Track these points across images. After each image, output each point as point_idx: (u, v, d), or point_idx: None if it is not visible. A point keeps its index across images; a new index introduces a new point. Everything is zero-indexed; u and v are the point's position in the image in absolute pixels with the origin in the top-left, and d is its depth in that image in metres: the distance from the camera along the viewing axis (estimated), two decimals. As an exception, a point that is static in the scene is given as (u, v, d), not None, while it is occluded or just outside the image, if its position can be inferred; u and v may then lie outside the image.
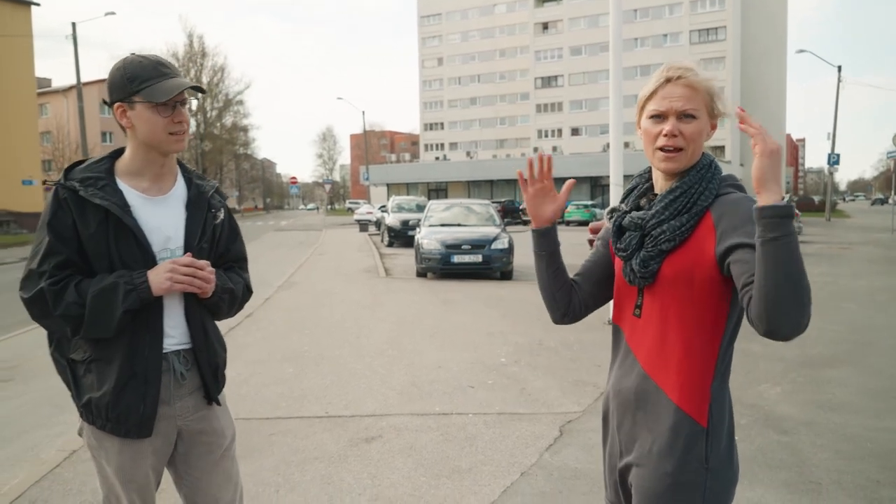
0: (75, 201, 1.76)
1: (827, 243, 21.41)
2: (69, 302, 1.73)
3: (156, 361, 1.83)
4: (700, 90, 1.57)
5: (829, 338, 7.26)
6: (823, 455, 4.00)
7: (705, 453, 1.50)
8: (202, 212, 1.95)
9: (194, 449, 1.97)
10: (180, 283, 1.79)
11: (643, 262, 1.59)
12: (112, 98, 1.81)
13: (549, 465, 3.87)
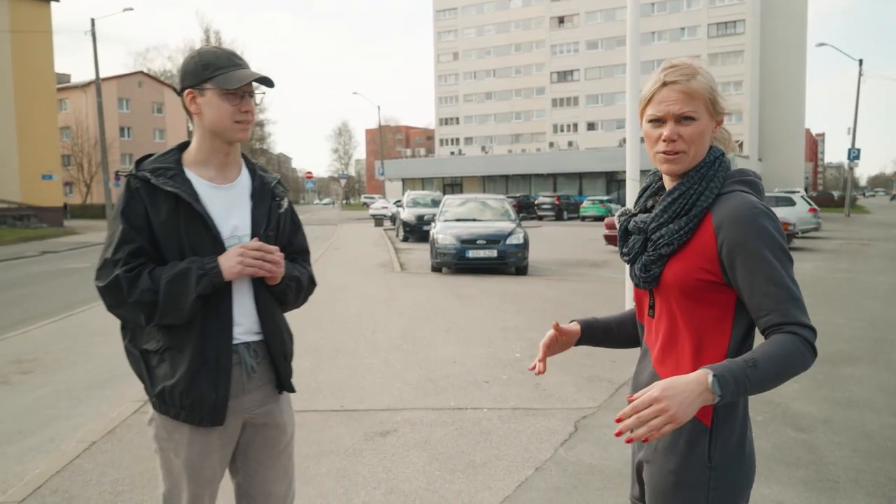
0: (147, 190, 1.80)
1: (847, 239, 21.15)
2: (143, 289, 1.76)
3: (226, 348, 1.85)
4: (697, 91, 1.53)
5: (848, 335, 7.18)
6: (841, 453, 3.96)
7: (708, 452, 1.48)
8: (266, 201, 1.99)
9: (255, 442, 2.00)
10: (251, 266, 1.81)
11: (645, 267, 1.58)
12: (184, 84, 1.86)
13: (564, 461, 3.87)
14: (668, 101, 1.53)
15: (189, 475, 1.88)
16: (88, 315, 9.23)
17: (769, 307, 1.42)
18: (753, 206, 1.45)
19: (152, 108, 60.12)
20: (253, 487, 2.03)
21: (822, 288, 10.71)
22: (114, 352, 6.95)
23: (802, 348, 1.39)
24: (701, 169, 1.54)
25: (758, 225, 1.43)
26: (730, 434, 1.50)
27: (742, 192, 1.50)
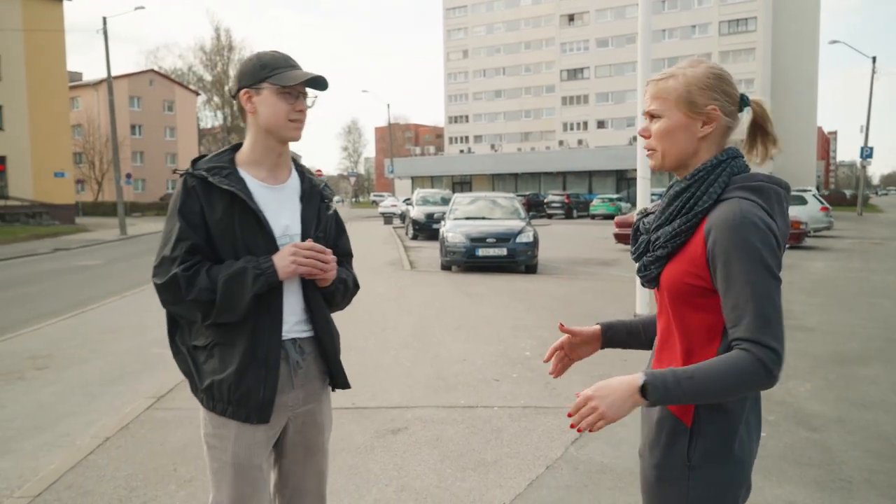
0: (203, 189, 1.84)
1: (859, 238, 21.00)
2: (201, 287, 1.79)
3: (275, 345, 1.88)
4: (667, 90, 1.54)
5: (861, 335, 7.14)
6: (854, 453, 3.94)
7: (688, 451, 1.49)
8: (315, 203, 2.04)
9: (294, 439, 2.02)
10: (304, 265, 1.84)
11: (643, 267, 1.60)
12: (241, 84, 1.91)
13: (575, 459, 3.86)
14: (646, 100, 1.60)
15: (236, 473, 1.89)
16: (100, 312, 9.30)
17: (735, 321, 1.40)
18: (744, 215, 1.41)
19: (163, 106, 60.41)
20: (287, 483, 2.05)
21: (835, 287, 10.63)
22: (125, 349, 7.01)
23: (753, 368, 1.36)
24: (700, 172, 1.53)
25: (741, 236, 1.40)
26: (713, 435, 1.49)
27: (742, 199, 1.45)
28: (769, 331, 1.38)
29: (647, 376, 1.38)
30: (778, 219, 1.47)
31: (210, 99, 67.05)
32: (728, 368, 1.37)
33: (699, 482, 1.49)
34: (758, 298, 1.38)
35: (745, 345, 1.38)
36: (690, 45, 64.64)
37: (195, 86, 65.85)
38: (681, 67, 1.57)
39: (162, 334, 7.41)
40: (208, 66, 66.61)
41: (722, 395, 1.40)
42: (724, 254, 1.41)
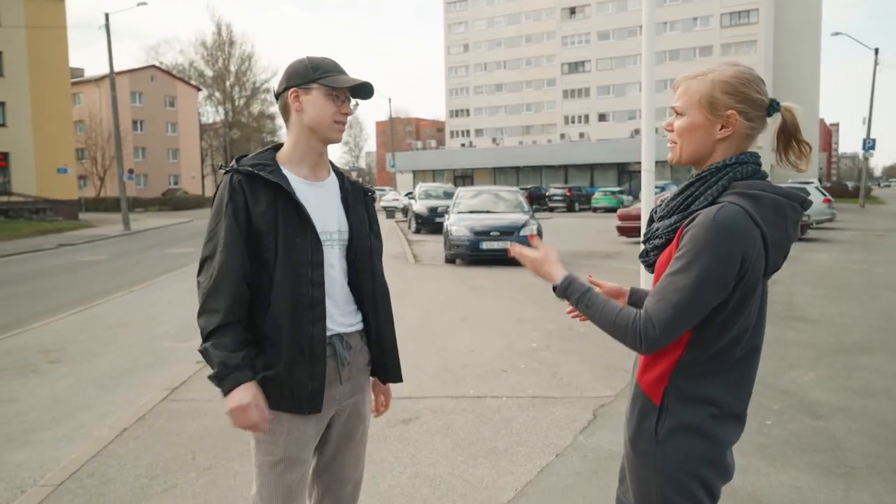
0: (248, 184, 1.90)
1: (861, 230, 21.04)
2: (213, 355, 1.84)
3: (320, 339, 1.93)
4: (692, 89, 1.61)
5: (864, 325, 7.20)
6: (858, 440, 4.02)
7: (655, 427, 1.61)
8: (361, 200, 2.13)
9: (338, 430, 2.08)
10: (240, 425, 1.84)
11: (643, 253, 1.72)
12: (289, 83, 1.97)
13: (584, 447, 3.94)
14: (675, 95, 1.68)
15: (286, 467, 1.94)
16: (108, 307, 9.39)
17: (655, 292, 1.56)
18: (716, 220, 1.48)
19: (164, 102, 60.39)
20: (328, 473, 2.12)
21: (838, 279, 10.69)
22: (135, 343, 7.10)
23: (632, 333, 1.55)
24: (705, 174, 1.61)
25: (702, 232, 1.48)
26: (682, 416, 1.59)
27: (730, 205, 1.51)
28: (665, 316, 1.51)
29: (562, 282, 1.70)
30: (770, 228, 1.52)
31: (211, 94, 66.95)
32: (617, 321, 1.58)
33: (666, 455, 1.60)
34: (679, 292, 1.50)
35: (644, 312, 1.54)
36: (692, 37, 64.49)
37: (196, 81, 65.77)
38: (711, 68, 1.63)
39: (171, 328, 7.53)
40: (209, 61, 66.48)
41: (599, 325, 1.63)
42: (684, 245, 1.52)
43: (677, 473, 1.60)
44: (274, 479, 1.94)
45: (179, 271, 13.14)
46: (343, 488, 2.14)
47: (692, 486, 1.60)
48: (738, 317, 1.55)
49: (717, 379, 1.60)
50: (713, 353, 1.58)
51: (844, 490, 3.36)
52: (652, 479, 1.63)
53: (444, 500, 3.31)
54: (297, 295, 1.90)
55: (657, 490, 1.62)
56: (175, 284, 11.47)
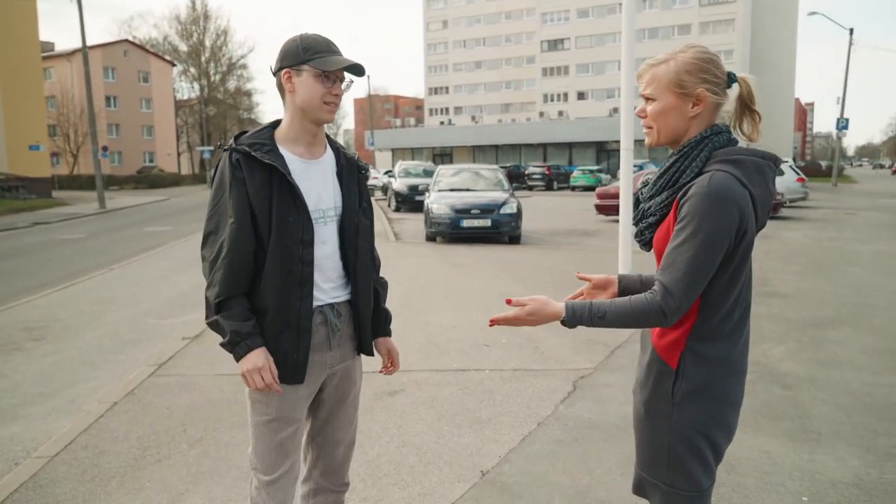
0: (246, 162, 1.97)
1: (833, 209, 21.48)
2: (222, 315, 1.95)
3: (307, 313, 2.02)
4: (658, 75, 1.73)
5: (833, 300, 7.45)
6: (824, 408, 4.22)
7: (672, 390, 1.72)
8: (355, 176, 2.18)
9: (330, 393, 2.19)
10: (252, 383, 1.97)
11: (638, 233, 1.84)
12: (283, 64, 2.00)
13: (564, 417, 4.10)
14: (640, 83, 1.80)
15: (282, 425, 2.05)
16: (89, 285, 9.36)
17: (664, 266, 1.64)
18: (710, 187, 1.59)
19: (138, 77, 59.32)
20: (321, 435, 2.22)
21: (810, 255, 10.98)
22: (119, 319, 7.12)
23: (649, 305, 1.62)
24: (685, 148, 1.73)
25: (699, 201, 1.60)
26: (697, 378, 1.70)
27: (717, 172, 1.63)
28: (681, 284, 1.60)
29: (567, 312, 1.68)
30: (756, 188, 1.66)
31: (186, 70, 65.89)
32: (634, 310, 1.63)
33: (682, 416, 1.71)
34: (688, 260, 1.60)
35: (657, 285, 1.62)
36: (671, 15, 64.54)
37: (171, 56, 64.61)
38: (671, 53, 1.74)
39: (155, 305, 7.58)
40: (184, 35, 65.33)
41: (626, 327, 1.67)
42: (684, 212, 1.63)
43: (690, 433, 1.71)
44: (268, 437, 2.05)
45: (159, 249, 13.09)
46: (337, 449, 2.24)
47: (702, 446, 1.73)
48: (739, 275, 1.68)
49: (726, 340, 1.72)
50: (722, 314, 1.70)
51: (810, 454, 3.55)
52: (665, 439, 1.73)
53: (430, 467, 3.44)
54: (286, 271, 1.97)
55: (670, 450, 1.73)
56: (156, 262, 11.44)
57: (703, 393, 1.71)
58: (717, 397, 1.72)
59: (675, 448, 1.72)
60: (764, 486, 3.20)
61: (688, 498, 1.75)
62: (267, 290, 1.97)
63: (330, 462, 2.25)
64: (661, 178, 1.76)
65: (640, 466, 1.84)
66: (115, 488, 3.26)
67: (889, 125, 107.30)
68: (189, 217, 22.04)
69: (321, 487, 2.27)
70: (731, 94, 1.77)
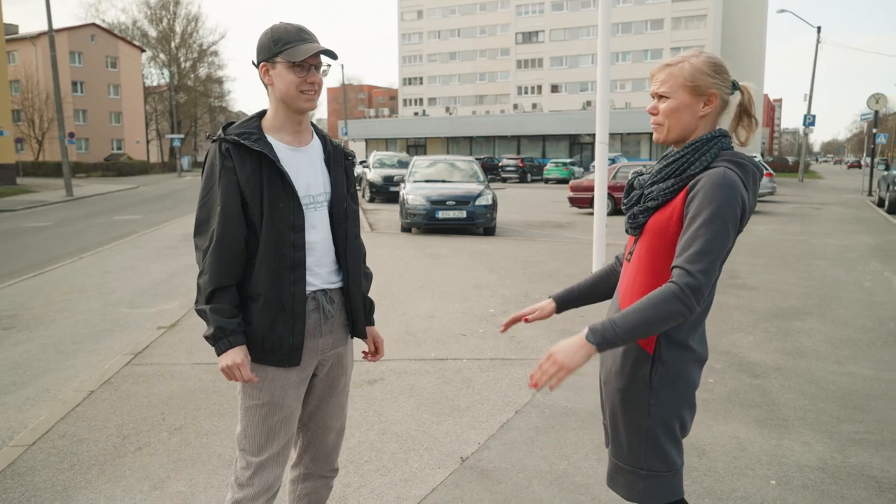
0: (235, 151, 1.99)
1: (800, 203, 21.95)
2: (210, 303, 1.97)
3: (301, 296, 2.04)
4: (676, 75, 1.81)
5: (799, 292, 7.66)
6: (790, 396, 4.36)
7: (649, 376, 1.79)
8: (341, 163, 2.21)
9: (321, 381, 2.21)
10: (229, 376, 2.00)
11: (633, 216, 1.89)
12: (259, 58, 2.05)
13: (542, 404, 4.18)
14: (655, 82, 1.86)
15: (272, 409, 2.07)
16: (59, 273, 9.21)
17: (681, 251, 1.66)
18: (726, 178, 1.68)
19: (106, 63, 58.06)
20: (313, 421, 2.25)
21: (777, 249, 11.24)
22: (92, 308, 7.03)
23: (671, 294, 1.60)
24: (696, 143, 1.81)
25: (718, 192, 1.67)
26: (671, 363, 1.79)
27: (727, 168, 1.71)
28: (700, 265, 1.62)
29: (591, 327, 1.66)
30: (750, 195, 1.75)
31: (156, 56, 64.68)
32: (656, 306, 1.61)
33: (660, 401, 1.80)
34: (706, 241, 1.64)
35: (676, 270, 1.63)
36: (644, 10, 65.07)
37: (140, 42, 63.34)
38: (686, 56, 1.83)
39: (127, 294, 7.50)
40: (153, 20, 64.08)
41: (653, 331, 1.64)
42: (699, 201, 1.68)
43: (666, 416, 1.80)
44: (257, 420, 2.07)
45: (130, 238, 12.90)
46: (328, 435, 2.28)
47: (675, 426, 1.82)
48: (720, 268, 1.75)
49: (694, 326, 1.82)
50: None
51: (778, 439, 3.68)
52: (644, 424, 1.81)
53: (410, 454, 3.49)
54: (279, 256, 2.00)
55: (648, 435, 1.81)
56: (127, 251, 11.29)
57: (678, 377, 1.80)
58: (688, 381, 1.82)
59: (654, 432, 1.80)
60: (734, 470, 3.32)
61: (666, 478, 1.83)
62: (261, 275, 2.00)
63: (321, 448, 2.28)
64: (667, 167, 1.82)
65: (617, 456, 1.89)
66: (96, 476, 3.25)
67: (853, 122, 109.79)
68: (159, 206, 21.73)
69: (311, 472, 2.30)
70: (733, 100, 1.86)
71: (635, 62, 65.56)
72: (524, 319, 2.13)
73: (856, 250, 11.13)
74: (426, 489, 3.12)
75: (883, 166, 23.52)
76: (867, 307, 6.93)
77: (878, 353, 5.34)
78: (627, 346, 1.82)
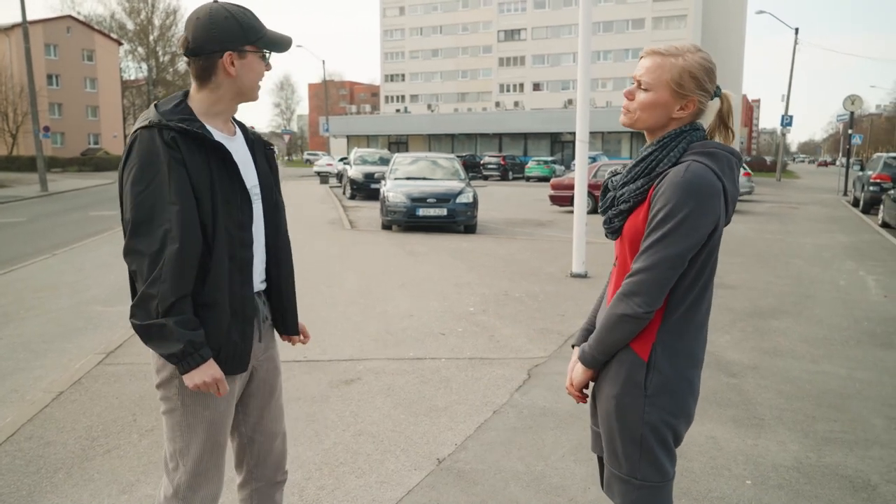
0: (182, 141, 1.79)
1: (778, 203, 22.19)
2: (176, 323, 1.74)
3: (250, 299, 1.93)
4: (665, 68, 1.73)
5: (776, 291, 7.72)
6: (767, 395, 4.38)
7: (644, 382, 1.73)
8: (262, 152, 2.08)
9: (258, 387, 2.10)
10: (201, 388, 1.81)
11: (608, 220, 1.84)
12: (223, 46, 1.84)
13: (519, 404, 4.15)
14: (640, 66, 1.79)
15: (215, 424, 1.94)
16: (31, 270, 9.04)
17: (640, 252, 1.69)
18: (686, 176, 1.62)
19: (82, 56, 57.11)
20: (258, 433, 2.13)
21: (754, 248, 11.34)
22: (64, 307, 6.90)
23: (619, 301, 1.71)
24: (665, 139, 1.76)
25: (672, 188, 1.64)
26: (668, 370, 1.73)
27: (693, 162, 1.66)
28: (651, 274, 1.65)
29: (579, 350, 1.88)
30: (727, 181, 1.70)
31: (134, 49, 63.77)
32: (610, 313, 1.73)
33: (654, 408, 1.74)
34: (656, 242, 1.65)
35: (627, 278, 1.70)
36: (625, 9, 65.40)
37: (117, 34, 62.41)
38: (680, 49, 1.75)
39: (101, 292, 7.35)
40: (131, 13, 63.15)
41: (619, 342, 1.75)
42: (659, 201, 1.66)
43: (661, 425, 1.74)
44: (201, 438, 1.92)
45: (106, 234, 12.68)
46: (275, 441, 2.17)
47: (668, 436, 1.77)
48: (707, 267, 1.72)
49: (692, 331, 1.76)
50: (690, 306, 1.73)
51: (754, 439, 3.69)
52: (638, 432, 1.75)
53: (387, 455, 3.45)
54: (231, 258, 1.86)
55: (642, 443, 1.75)
56: (102, 248, 11.10)
57: (673, 385, 1.74)
58: (685, 389, 1.76)
59: (647, 440, 1.75)
60: (710, 470, 3.32)
61: (659, 488, 1.79)
62: (216, 280, 1.83)
63: (271, 455, 2.17)
64: (636, 167, 1.78)
65: (611, 463, 1.84)
66: (62, 480, 3.17)
67: (829, 123, 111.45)
68: (136, 201, 21.37)
69: (263, 485, 2.18)
70: (713, 105, 1.80)
71: (616, 61, 65.88)
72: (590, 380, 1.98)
73: (831, 249, 11.26)
74: (402, 491, 3.08)
75: (858, 167, 23.85)
76: (842, 306, 7.00)
77: (853, 351, 5.39)
78: (621, 351, 1.77)
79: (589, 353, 1.81)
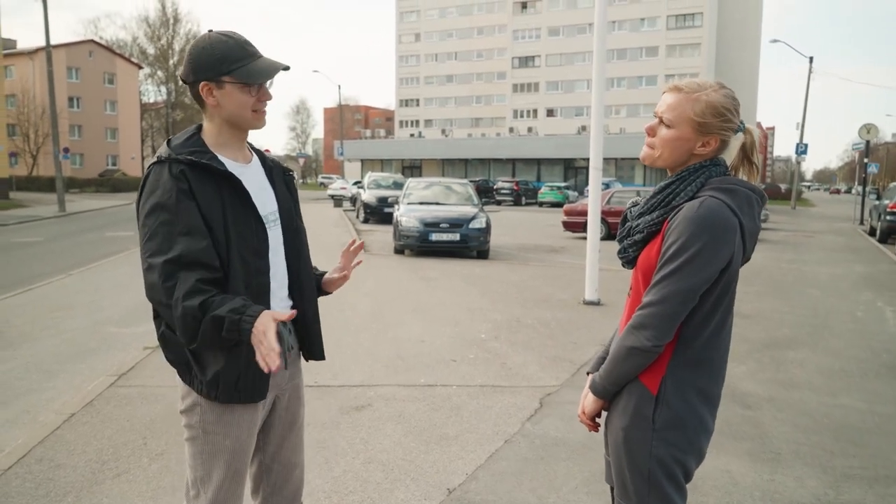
0: (192, 173, 1.80)
1: (793, 231, 22.05)
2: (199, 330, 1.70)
3: None
4: (684, 105, 1.73)
5: (792, 321, 7.63)
6: (783, 428, 4.31)
7: (652, 416, 1.72)
8: (281, 178, 2.08)
9: (281, 414, 2.08)
10: (261, 352, 1.66)
11: (623, 249, 1.84)
12: (197, 77, 1.84)
13: (531, 434, 4.11)
14: (662, 102, 1.79)
15: (236, 454, 1.93)
16: (48, 290, 9.11)
17: (651, 285, 1.69)
18: (700, 212, 1.62)
19: (104, 79, 58.17)
20: (276, 463, 2.10)
21: (769, 277, 11.24)
22: (79, 327, 6.94)
23: (629, 338, 1.71)
24: (684, 172, 1.76)
25: (685, 223, 1.63)
26: (678, 406, 1.71)
27: (710, 198, 1.65)
28: (660, 308, 1.66)
29: (589, 383, 1.89)
30: (745, 218, 1.68)
31: (154, 73, 64.88)
32: (612, 362, 1.77)
33: (660, 443, 1.71)
34: (667, 277, 1.65)
35: (637, 311, 1.71)
36: (639, 37, 65.90)
37: (138, 58, 63.58)
38: (703, 87, 1.74)
39: (115, 313, 7.38)
40: (152, 38, 64.38)
41: (628, 375, 1.75)
42: (672, 236, 1.66)
43: (667, 459, 1.72)
44: (222, 467, 1.91)
45: (121, 255, 12.80)
46: (293, 472, 2.15)
47: (677, 471, 1.74)
48: (722, 303, 1.70)
49: (706, 367, 1.73)
50: (704, 340, 1.70)
51: (770, 474, 3.62)
52: (646, 466, 1.73)
53: (396, 484, 3.41)
54: (247, 286, 1.84)
55: (649, 475, 1.73)
56: (118, 268, 11.19)
57: (683, 420, 1.71)
58: (695, 425, 1.73)
59: (655, 474, 1.72)
60: (726, 505, 3.25)
61: None
62: None
63: (289, 487, 2.14)
64: (653, 198, 1.78)
65: (621, 496, 1.82)
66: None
67: (845, 151, 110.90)
68: (152, 223, 21.56)
69: None
70: (735, 141, 1.78)
71: (630, 88, 66.24)
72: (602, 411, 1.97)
73: (848, 279, 11.13)
74: (411, 522, 3.04)
75: (874, 195, 23.67)
76: (860, 337, 6.90)
77: (872, 384, 5.30)
78: (631, 383, 1.76)
79: (599, 383, 1.82)
